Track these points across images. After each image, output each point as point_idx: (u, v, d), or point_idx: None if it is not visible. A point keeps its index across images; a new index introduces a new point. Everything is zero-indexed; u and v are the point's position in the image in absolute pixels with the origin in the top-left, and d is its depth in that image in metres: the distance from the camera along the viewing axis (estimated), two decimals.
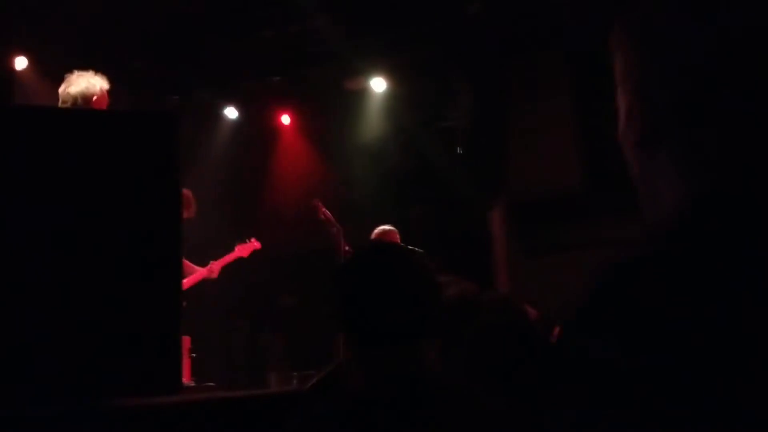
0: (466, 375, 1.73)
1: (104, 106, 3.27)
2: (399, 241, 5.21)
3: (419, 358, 1.38)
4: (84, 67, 6.11)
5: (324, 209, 5.03)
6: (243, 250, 5.46)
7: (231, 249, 5.46)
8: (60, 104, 3.31)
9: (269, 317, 7.06)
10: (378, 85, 6.88)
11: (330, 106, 7.04)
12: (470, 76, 6.92)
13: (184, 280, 4.55)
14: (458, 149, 7.60)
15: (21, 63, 6.05)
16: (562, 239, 6.61)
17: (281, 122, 7.37)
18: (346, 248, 5.03)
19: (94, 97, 3.28)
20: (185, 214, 4.93)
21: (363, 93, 7.02)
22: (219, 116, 7.13)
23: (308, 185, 6.54)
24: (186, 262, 4.63)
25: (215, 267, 5.12)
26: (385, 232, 5.20)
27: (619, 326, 0.65)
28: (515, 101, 7.04)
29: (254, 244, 5.54)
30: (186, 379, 4.47)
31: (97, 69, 6.17)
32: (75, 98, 3.26)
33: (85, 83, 3.28)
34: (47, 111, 1.90)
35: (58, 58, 5.82)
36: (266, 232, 6.54)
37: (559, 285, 6.17)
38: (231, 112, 7.16)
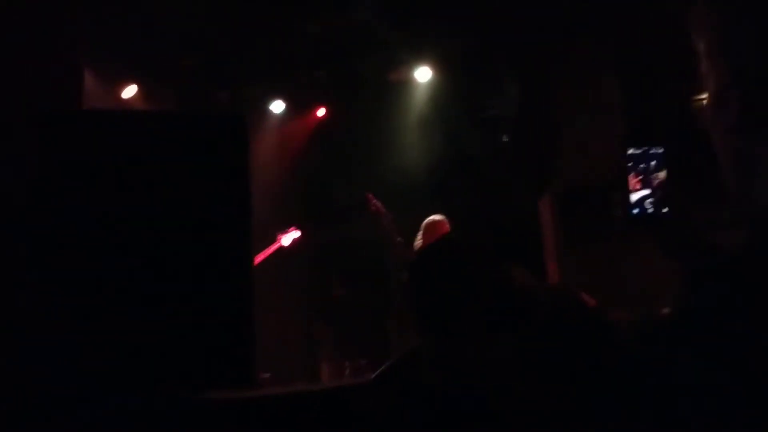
0: (529, 369, 1.72)
1: None
2: (449, 230, 5.22)
3: (498, 351, 1.39)
4: (133, 64, 6.25)
5: (375, 201, 5.05)
6: (284, 239, 5.52)
7: (273, 240, 5.52)
8: None
9: (322, 308, 7.12)
10: (423, 75, 6.87)
11: (376, 97, 7.05)
12: (517, 64, 6.86)
13: None
14: (504, 138, 7.56)
15: (131, 90, 6.32)
16: (612, 227, 6.52)
17: (327, 115, 7.43)
18: (398, 239, 5.05)
19: None
20: None
21: (408, 84, 7.01)
22: (266, 111, 7.20)
23: (357, 177, 6.57)
24: None
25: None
26: (435, 222, 5.21)
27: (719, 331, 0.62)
28: (563, 88, 6.96)
29: (294, 232, 5.59)
30: None
31: (147, 66, 6.34)
32: None
33: None
34: (122, 114, 1.96)
35: (108, 56, 5.96)
36: (318, 223, 6.61)
37: (609, 273, 6.13)
38: (278, 106, 7.23)
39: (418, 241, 5.27)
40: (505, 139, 7.52)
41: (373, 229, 5.26)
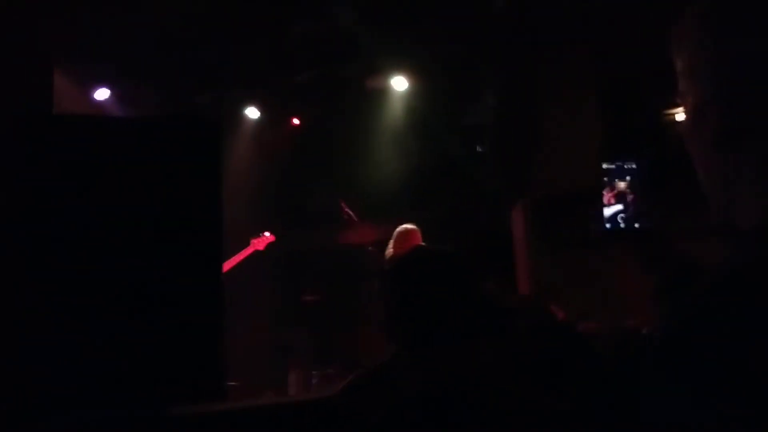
0: (505, 377, 1.73)
1: None
2: (421, 239, 5.22)
3: (475, 358, 1.39)
4: (107, 66, 6.20)
5: (347, 209, 5.04)
6: (258, 243, 5.49)
7: (246, 245, 5.48)
8: None
9: (292, 314, 7.08)
10: (399, 83, 6.88)
11: (352, 104, 7.05)
12: (495, 72, 6.90)
13: None
14: (478, 148, 7.61)
15: (103, 93, 6.31)
16: (584, 236, 6.58)
17: (301, 121, 7.43)
18: (369, 248, 5.04)
19: None
20: None
21: (385, 91, 7.02)
22: (241, 115, 7.17)
23: (331, 183, 6.56)
24: None
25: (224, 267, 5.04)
26: (407, 231, 5.20)
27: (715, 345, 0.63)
28: (540, 97, 7.02)
29: (268, 237, 5.56)
30: None
31: (121, 68, 6.27)
32: None
33: None
34: (92, 119, 1.92)
35: (81, 57, 5.89)
36: (290, 230, 6.56)
37: (580, 282, 6.18)
38: (252, 112, 7.19)
39: (389, 250, 5.26)
40: (479, 149, 7.56)
41: (346, 235, 5.25)
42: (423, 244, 5.02)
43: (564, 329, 2.33)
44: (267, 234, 5.60)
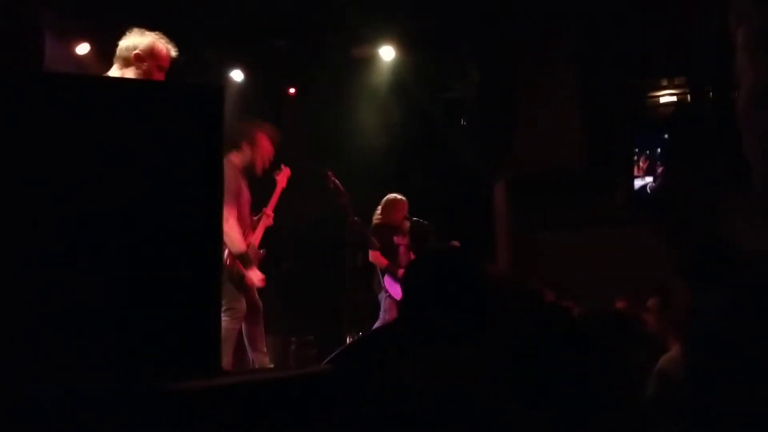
0: (505, 379, 1.73)
1: (148, 64, 3.25)
2: (407, 210, 5.24)
3: (470, 360, 1.39)
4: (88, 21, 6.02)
5: (334, 178, 5.01)
6: (281, 179, 5.02)
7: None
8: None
9: (271, 281, 7.04)
10: (386, 53, 6.80)
11: (338, 73, 6.95)
12: (479, 48, 6.87)
13: (255, 235, 4.45)
14: (462, 121, 7.60)
15: (83, 48, 6.22)
16: (562, 216, 6.64)
17: (288, 88, 7.32)
18: (355, 218, 5.03)
19: (135, 51, 3.25)
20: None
21: (371, 61, 6.94)
22: (225, 78, 7.03)
23: (316, 152, 6.49)
24: (248, 214, 4.48)
25: (269, 211, 4.74)
26: (395, 200, 5.23)
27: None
28: (524, 74, 7.00)
29: (286, 170, 4.88)
30: None
31: (101, 24, 6.10)
32: (120, 50, 3.27)
33: (133, 38, 3.31)
34: (79, 78, 1.80)
35: (62, 12, 5.71)
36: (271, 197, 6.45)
37: (557, 261, 6.24)
38: (237, 75, 7.06)
39: (377, 217, 5.29)
40: (463, 122, 7.56)
41: (332, 206, 5.20)
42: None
43: (556, 312, 2.33)
44: (283, 167, 4.89)
